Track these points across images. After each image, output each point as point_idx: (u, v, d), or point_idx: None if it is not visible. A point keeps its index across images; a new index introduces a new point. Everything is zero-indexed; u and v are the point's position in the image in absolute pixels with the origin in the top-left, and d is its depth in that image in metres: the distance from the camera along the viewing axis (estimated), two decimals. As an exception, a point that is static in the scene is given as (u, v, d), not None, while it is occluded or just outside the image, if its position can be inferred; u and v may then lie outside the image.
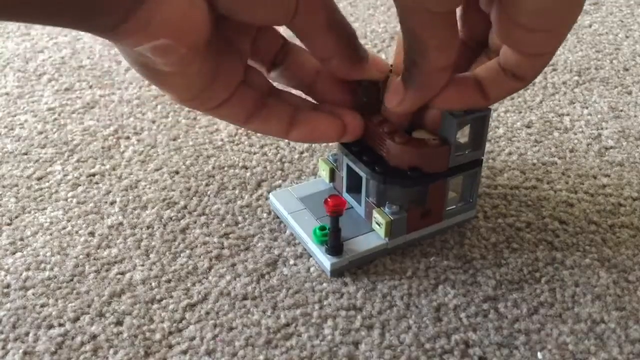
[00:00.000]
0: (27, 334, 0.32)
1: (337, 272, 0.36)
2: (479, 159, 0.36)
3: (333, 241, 0.35)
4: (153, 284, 0.35)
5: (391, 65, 0.34)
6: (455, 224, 0.39)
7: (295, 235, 0.38)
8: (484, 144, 0.36)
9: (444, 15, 0.26)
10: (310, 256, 0.37)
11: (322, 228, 0.36)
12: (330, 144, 0.47)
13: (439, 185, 0.36)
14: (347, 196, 0.39)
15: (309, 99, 0.36)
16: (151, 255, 0.37)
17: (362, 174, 0.36)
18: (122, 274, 0.36)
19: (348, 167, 0.38)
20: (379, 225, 0.36)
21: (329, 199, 0.34)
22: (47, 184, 0.43)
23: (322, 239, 0.35)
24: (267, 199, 0.41)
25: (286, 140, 0.47)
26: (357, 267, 0.36)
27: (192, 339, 0.32)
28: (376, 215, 0.36)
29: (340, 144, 0.37)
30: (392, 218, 0.35)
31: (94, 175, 0.44)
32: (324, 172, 0.41)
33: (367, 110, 0.35)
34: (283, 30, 0.32)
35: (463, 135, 0.36)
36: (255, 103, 0.33)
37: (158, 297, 0.34)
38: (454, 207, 0.38)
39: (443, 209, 0.37)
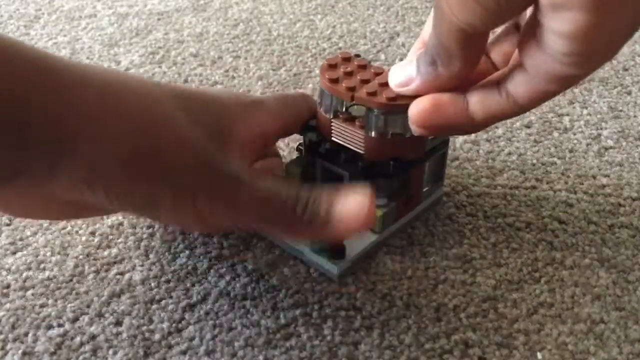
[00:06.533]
0: (26, 334, 0.32)
1: (343, 276, 0.35)
2: (446, 139, 0.38)
3: (336, 244, 0.35)
4: (152, 284, 0.35)
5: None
6: (430, 203, 0.40)
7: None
8: None
9: (480, 35, 0.26)
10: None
11: None
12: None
13: (418, 170, 0.37)
14: None
15: None
16: (151, 256, 0.37)
17: (343, 173, 0.36)
18: (122, 274, 0.36)
19: (323, 169, 0.37)
20: None
21: None
22: (46, 184, 0.43)
23: (320, 244, 0.35)
24: (266, 199, 0.41)
25: (286, 141, 0.47)
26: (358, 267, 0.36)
27: (192, 339, 0.32)
28: None
29: (308, 149, 0.37)
30: (383, 211, 0.36)
31: (93, 175, 0.44)
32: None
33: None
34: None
35: None
36: None
37: (157, 297, 0.34)
38: (427, 188, 0.39)
39: (422, 192, 0.39)
